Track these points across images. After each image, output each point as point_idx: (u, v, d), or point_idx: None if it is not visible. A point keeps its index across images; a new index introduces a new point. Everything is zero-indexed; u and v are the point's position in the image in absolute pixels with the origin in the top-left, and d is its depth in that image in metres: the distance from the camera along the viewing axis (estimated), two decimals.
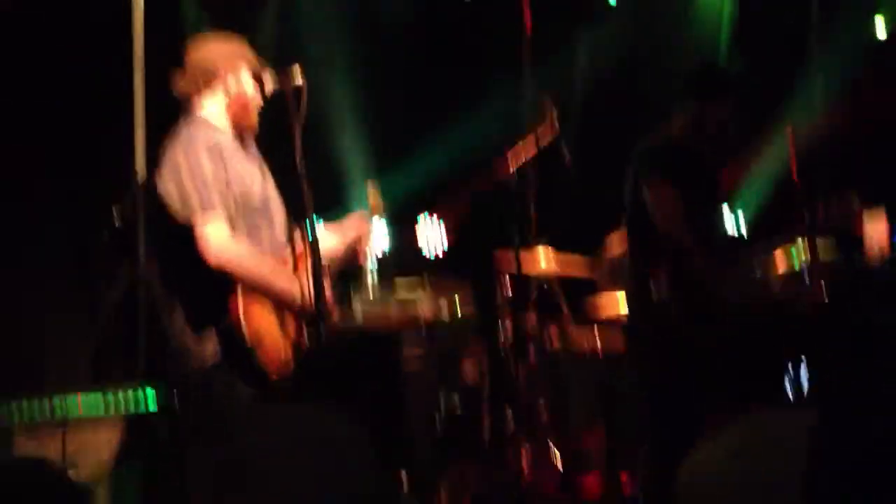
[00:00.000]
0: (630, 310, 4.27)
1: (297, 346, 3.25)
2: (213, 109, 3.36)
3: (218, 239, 3.15)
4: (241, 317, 3.12)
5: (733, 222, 4.89)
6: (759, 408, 3.52)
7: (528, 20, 6.00)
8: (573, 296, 5.30)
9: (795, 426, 2.80)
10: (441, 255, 4.75)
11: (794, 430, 2.78)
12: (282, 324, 3.24)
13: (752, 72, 5.94)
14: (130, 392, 3.78)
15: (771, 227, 4.24)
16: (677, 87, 4.16)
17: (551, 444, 4.56)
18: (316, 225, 3.19)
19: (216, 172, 3.20)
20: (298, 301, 3.23)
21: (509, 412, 4.59)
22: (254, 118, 3.40)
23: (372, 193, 3.71)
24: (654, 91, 5.37)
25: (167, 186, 3.23)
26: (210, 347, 3.20)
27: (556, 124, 4.55)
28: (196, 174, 3.18)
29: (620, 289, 4.72)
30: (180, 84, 3.37)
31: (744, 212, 5.65)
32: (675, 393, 3.90)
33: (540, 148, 4.56)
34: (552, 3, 6.10)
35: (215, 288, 3.15)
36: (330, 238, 3.57)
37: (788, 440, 2.81)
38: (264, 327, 3.17)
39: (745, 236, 5.42)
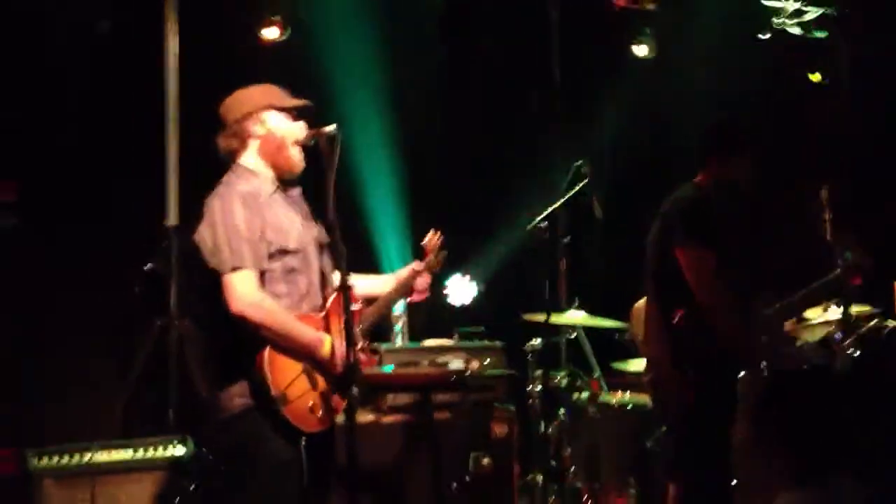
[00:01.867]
0: (653, 364, 4.22)
1: (327, 400, 3.21)
2: (250, 159, 3.38)
3: (243, 288, 3.13)
4: (267, 369, 3.10)
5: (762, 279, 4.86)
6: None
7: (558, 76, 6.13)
8: (603, 352, 5.27)
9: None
10: (472, 312, 4.73)
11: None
12: (311, 378, 3.21)
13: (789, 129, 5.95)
14: (160, 445, 3.77)
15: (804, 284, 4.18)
16: (700, 143, 4.16)
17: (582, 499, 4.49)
18: (346, 279, 3.18)
19: (249, 221, 3.20)
20: (323, 356, 3.22)
21: (538, 468, 4.53)
22: (290, 156, 3.36)
23: (431, 242, 3.74)
24: (682, 146, 5.38)
25: (202, 234, 3.24)
26: (237, 399, 3.17)
27: (588, 181, 4.56)
28: (229, 223, 3.19)
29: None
30: (220, 144, 3.41)
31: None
32: (705, 451, 3.84)
33: (571, 204, 4.58)
34: (580, 58, 6.21)
35: (244, 339, 3.13)
36: (381, 282, 3.60)
37: None
38: (292, 381, 3.14)
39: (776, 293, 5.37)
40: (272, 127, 3.35)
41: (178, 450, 3.71)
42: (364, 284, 3.58)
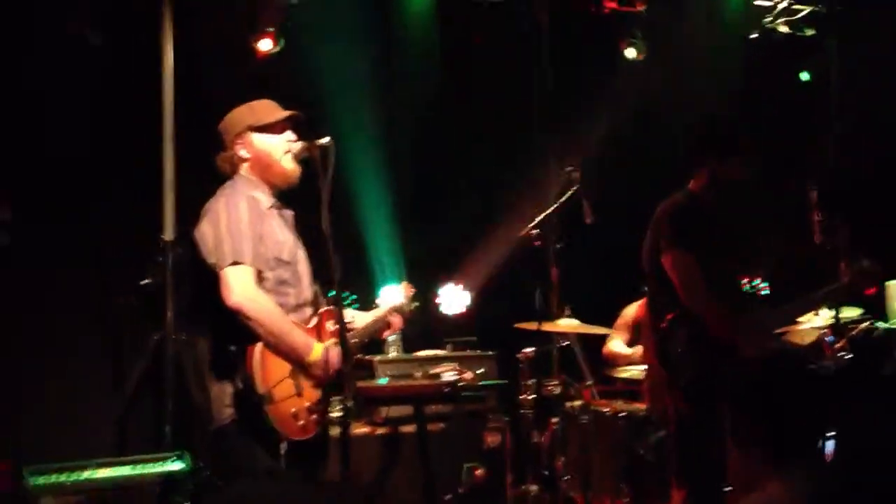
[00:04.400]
0: (650, 370, 4.26)
1: (312, 410, 3.25)
2: (247, 174, 3.46)
3: (240, 282, 3.18)
4: (256, 365, 3.14)
5: (756, 283, 4.89)
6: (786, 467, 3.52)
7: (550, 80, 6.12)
8: (595, 360, 5.31)
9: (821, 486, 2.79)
10: (464, 321, 4.77)
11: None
12: (297, 385, 3.24)
13: (771, 125, 5.95)
14: (157, 461, 3.79)
15: (796, 287, 4.21)
16: (692, 144, 4.16)
17: None
18: (342, 291, 3.22)
19: (252, 223, 3.27)
20: (311, 361, 3.25)
21: (532, 477, 4.57)
22: (282, 168, 3.42)
23: (406, 292, 3.79)
24: (674, 146, 5.38)
25: (203, 231, 3.29)
26: (226, 410, 3.21)
27: (579, 182, 4.59)
28: (232, 221, 3.25)
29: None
30: (218, 163, 3.49)
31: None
32: (700, 450, 3.88)
33: (562, 207, 4.60)
34: (573, 58, 6.21)
35: (238, 341, 3.16)
36: (359, 315, 3.64)
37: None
38: (278, 382, 3.18)
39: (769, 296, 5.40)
40: (257, 146, 3.42)
41: (176, 465, 3.73)
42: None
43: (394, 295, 3.75)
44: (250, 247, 3.22)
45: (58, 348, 4.66)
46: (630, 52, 6.32)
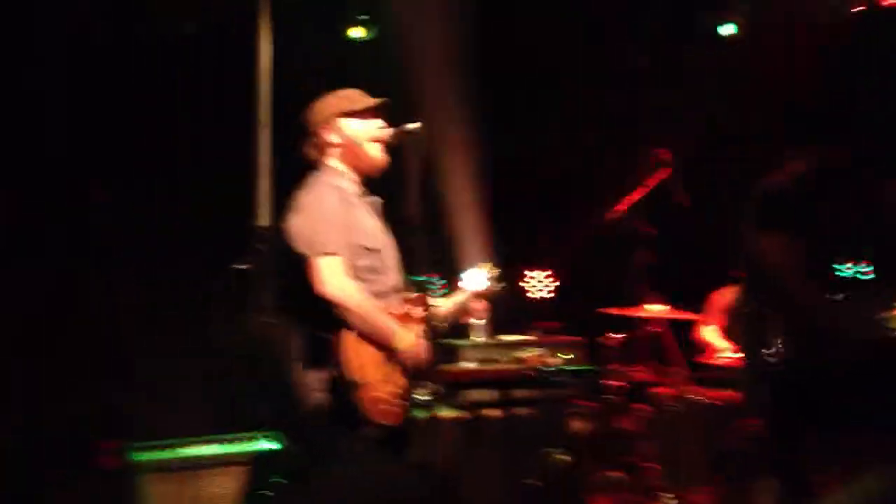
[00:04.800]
0: (746, 359, 4.18)
1: (399, 396, 3.30)
2: (334, 163, 3.52)
3: (332, 272, 3.24)
4: (346, 352, 3.21)
5: (860, 267, 4.72)
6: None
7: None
8: (687, 347, 5.22)
9: None
10: (552, 306, 4.77)
11: None
12: (386, 370, 3.30)
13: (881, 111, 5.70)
14: (253, 439, 3.94)
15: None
16: (796, 127, 4.05)
17: (662, 498, 4.48)
18: (431, 282, 3.27)
19: (339, 214, 3.33)
20: (402, 347, 3.31)
21: (619, 463, 4.54)
22: (371, 156, 3.46)
23: (490, 273, 3.79)
24: (771, 129, 5.22)
25: (295, 224, 3.36)
26: (317, 391, 3.29)
27: (672, 169, 4.52)
28: (323, 212, 3.31)
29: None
30: (306, 156, 3.55)
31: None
32: (796, 441, 3.81)
33: (654, 190, 4.53)
34: (668, 35, 6.09)
35: (327, 325, 3.24)
36: (443, 301, 3.67)
37: None
38: (369, 370, 3.25)
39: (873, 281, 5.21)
40: (347, 133, 3.47)
41: (267, 444, 3.87)
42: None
43: (477, 278, 3.76)
44: (341, 237, 3.29)
45: (158, 331, 4.80)
46: (726, 29, 6.16)
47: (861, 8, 6.27)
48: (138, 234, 4.87)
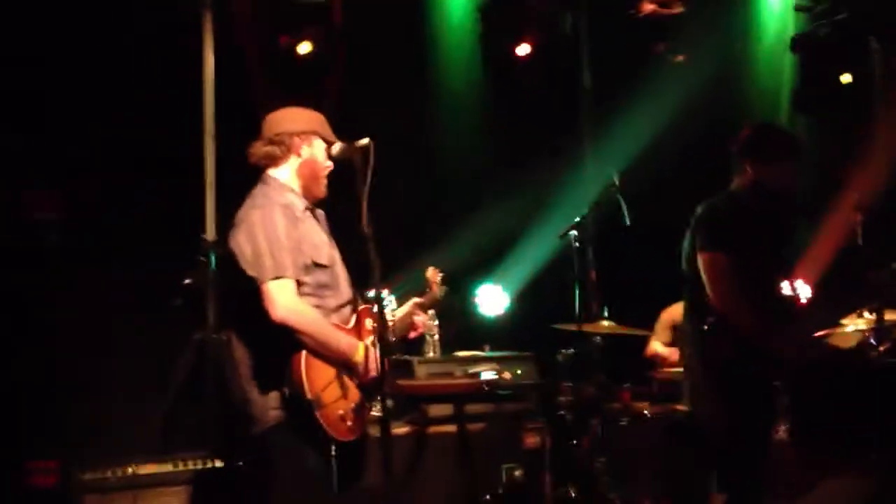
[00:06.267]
0: (691, 373, 4.24)
1: (357, 411, 3.28)
2: (284, 173, 3.46)
3: (283, 295, 3.21)
4: (303, 372, 3.17)
5: (798, 285, 4.84)
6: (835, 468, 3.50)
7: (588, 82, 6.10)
8: (634, 361, 5.28)
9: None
10: (502, 323, 4.78)
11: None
12: (343, 387, 3.27)
13: (817, 131, 5.89)
14: (199, 459, 3.84)
15: (836, 290, 4.17)
16: (736, 148, 4.13)
17: None
18: (381, 290, 3.24)
19: (288, 232, 3.29)
20: (357, 361, 3.28)
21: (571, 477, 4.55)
22: (322, 186, 3.48)
23: (432, 278, 3.79)
24: (714, 151, 5.35)
25: (241, 244, 3.31)
26: (272, 412, 3.24)
27: (617, 189, 4.58)
28: (270, 232, 3.26)
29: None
30: (258, 153, 3.47)
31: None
32: (743, 454, 3.86)
33: (600, 208, 4.59)
34: (611, 62, 6.20)
35: (280, 346, 3.20)
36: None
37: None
38: (325, 386, 3.21)
39: (810, 299, 5.35)
40: (317, 153, 3.45)
41: (217, 463, 3.78)
42: None
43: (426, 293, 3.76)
44: (290, 258, 3.25)
45: (103, 347, 4.69)
46: (669, 55, 6.30)
47: None
48: (82, 248, 4.76)
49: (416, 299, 3.73)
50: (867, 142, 5.99)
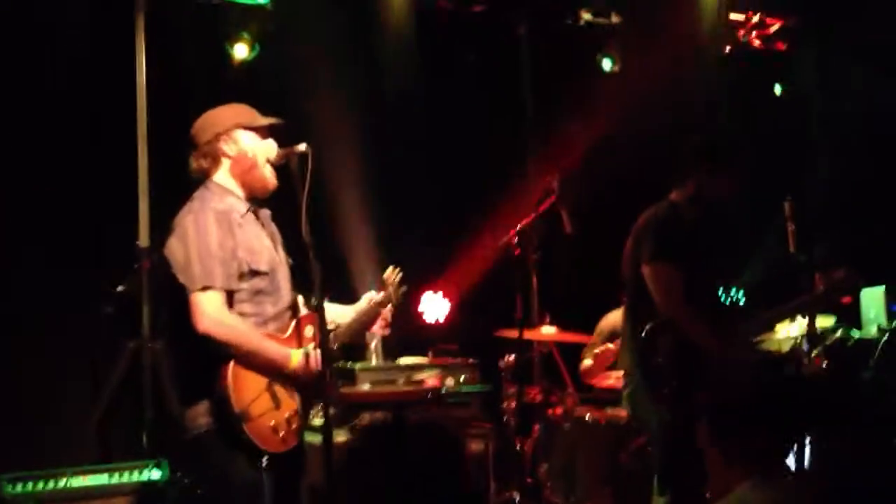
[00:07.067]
0: (630, 378, 4.27)
1: (291, 421, 3.21)
2: (222, 177, 3.37)
3: (210, 307, 3.13)
4: (230, 385, 3.10)
5: (733, 293, 4.92)
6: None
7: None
8: (576, 367, 5.30)
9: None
10: (445, 329, 4.76)
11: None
12: (275, 398, 3.20)
13: (753, 141, 6.00)
14: (135, 469, 3.74)
15: (771, 297, 4.25)
16: (675, 158, 4.18)
17: None
18: (323, 297, 3.19)
19: (222, 239, 3.20)
20: (292, 370, 3.22)
21: (515, 482, 4.55)
22: (262, 174, 3.36)
23: (390, 278, 3.70)
24: (655, 159, 5.40)
25: (174, 250, 3.23)
26: (202, 419, 3.17)
27: (558, 192, 4.60)
28: (201, 241, 3.18)
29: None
30: (192, 165, 3.39)
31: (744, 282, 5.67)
32: (682, 457, 3.89)
33: (542, 216, 4.60)
34: (553, 68, 6.24)
35: (210, 356, 3.13)
36: (341, 312, 3.57)
37: None
38: (255, 398, 3.14)
39: (746, 306, 5.44)
40: (243, 146, 3.34)
41: (154, 473, 3.68)
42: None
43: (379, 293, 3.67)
44: (220, 269, 3.17)
45: (34, 356, 4.59)
46: (606, 64, 6.37)
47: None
48: (16, 253, 4.64)
49: (373, 295, 3.64)
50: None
